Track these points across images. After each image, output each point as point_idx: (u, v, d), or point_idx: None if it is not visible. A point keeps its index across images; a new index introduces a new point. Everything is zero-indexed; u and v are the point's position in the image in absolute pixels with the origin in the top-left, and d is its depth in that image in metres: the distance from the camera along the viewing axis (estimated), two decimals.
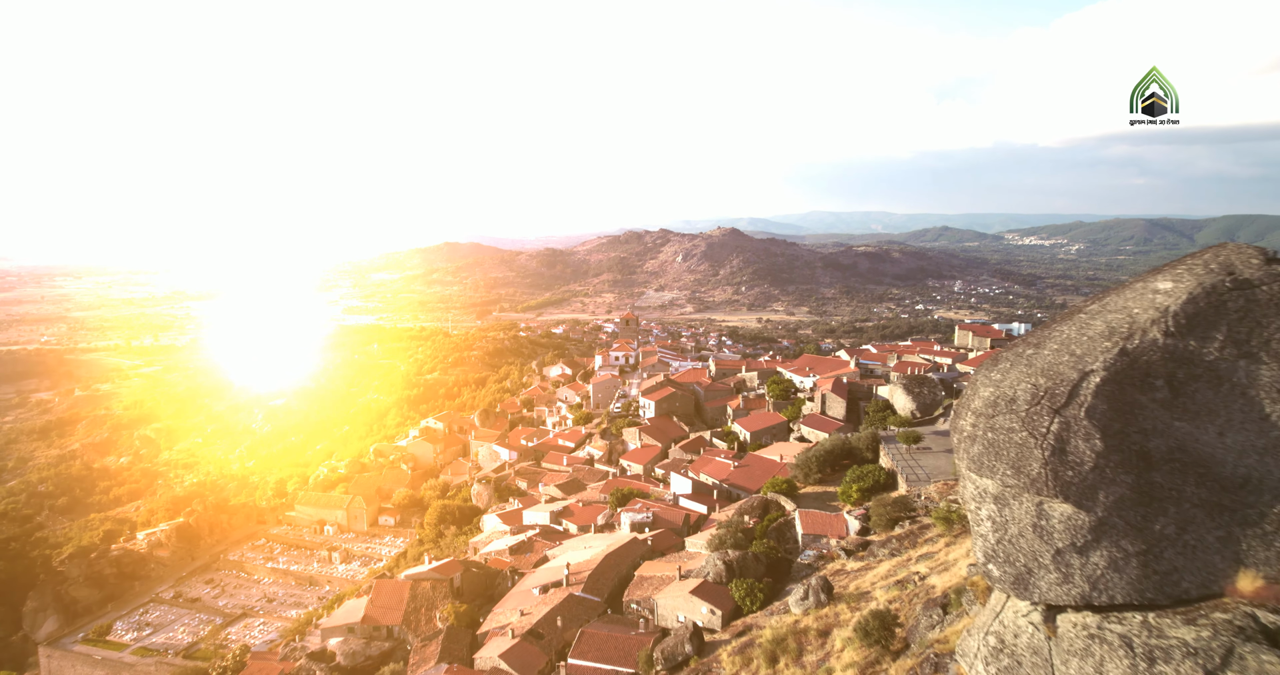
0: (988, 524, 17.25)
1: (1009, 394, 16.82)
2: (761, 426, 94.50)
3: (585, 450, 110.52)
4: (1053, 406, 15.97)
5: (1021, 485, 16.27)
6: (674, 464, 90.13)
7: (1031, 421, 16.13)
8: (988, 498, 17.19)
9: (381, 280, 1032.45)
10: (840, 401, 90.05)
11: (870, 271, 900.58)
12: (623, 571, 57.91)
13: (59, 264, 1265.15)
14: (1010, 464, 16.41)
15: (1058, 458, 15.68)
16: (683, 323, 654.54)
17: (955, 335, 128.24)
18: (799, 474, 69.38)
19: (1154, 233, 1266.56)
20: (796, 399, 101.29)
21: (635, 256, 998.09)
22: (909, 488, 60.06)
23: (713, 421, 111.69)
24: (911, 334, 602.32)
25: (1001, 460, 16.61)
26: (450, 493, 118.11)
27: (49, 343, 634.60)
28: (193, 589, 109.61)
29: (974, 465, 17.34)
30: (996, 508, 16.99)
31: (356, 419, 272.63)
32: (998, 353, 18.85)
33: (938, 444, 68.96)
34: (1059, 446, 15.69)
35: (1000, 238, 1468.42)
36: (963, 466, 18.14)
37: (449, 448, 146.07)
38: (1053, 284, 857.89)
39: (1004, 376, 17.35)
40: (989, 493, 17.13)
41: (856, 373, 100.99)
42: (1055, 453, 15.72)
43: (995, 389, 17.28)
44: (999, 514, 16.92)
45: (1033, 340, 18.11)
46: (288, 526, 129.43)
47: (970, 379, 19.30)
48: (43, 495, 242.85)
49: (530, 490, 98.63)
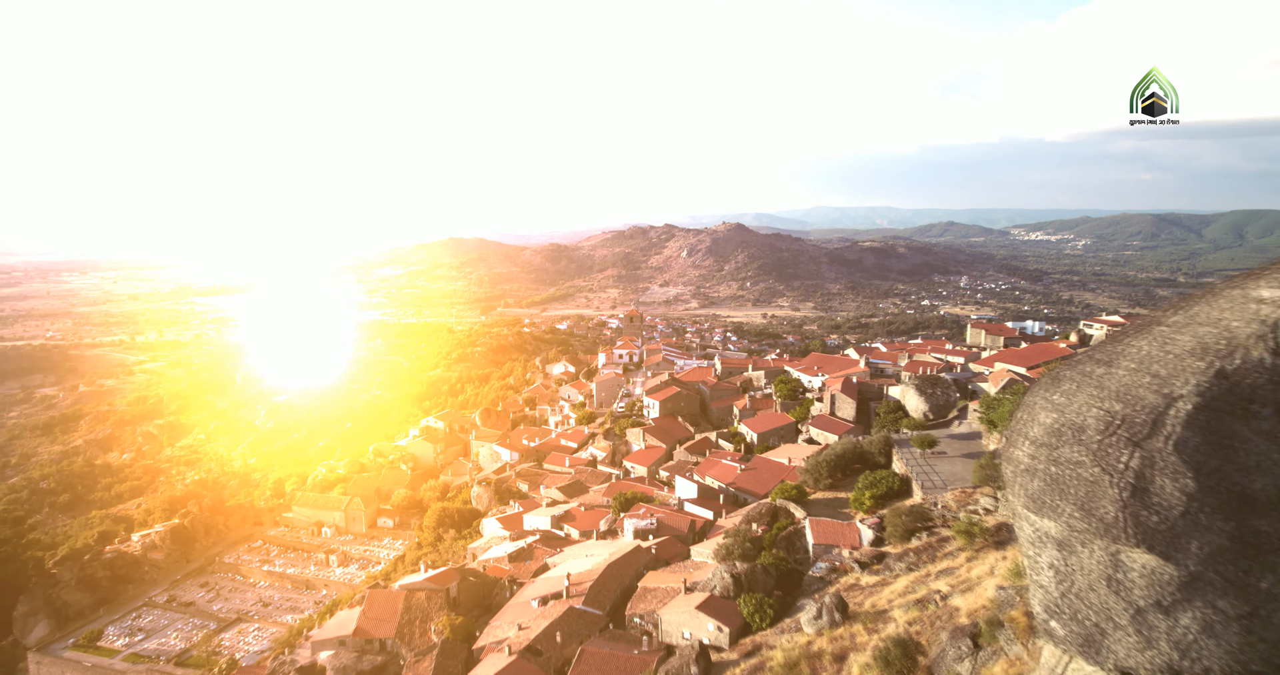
0: (1049, 573, 14.72)
1: (1076, 421, 14.25)
2: (769, 427, 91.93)
3: (588, 451, 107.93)
4: (1131, 437, 13.39)
5: (1092, 530, 13.73)
6: (679, 466, 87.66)
7: (1105, 455, 13.57)
8: (1049, 542, 14.67)
9: (385, 276, 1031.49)
10: (850, 402, 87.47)
11: (876, 267, 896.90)
12: (625, 582, 55.52)
13: (65, 259, 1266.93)
14: (1078, 504, 13.87)
15: (1138, 499, 13.12)
16: (688, 318, 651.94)
17: (967, 333, 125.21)
18: (809, 479, 66.87)
19: (1161, 228, 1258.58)
20: (805, 399, 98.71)
21: (640, 252, 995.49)
22: (924, 495, 57.52)
23: (719, 422, 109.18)
24: (918, 330, 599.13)
25: (1067, 499, 14.07)
26: (450, 494, 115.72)
27: (54, 338, 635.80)
28: (187, 593, 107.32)
29: (1033, 503, 14.81)
30: (1060, 555, 14.46)
31: (359, 416, 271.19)
32: (1057, 370, 16.25)
33: (953, 448, 66.39)
34: (1139, 486, 13.12)
35: (1006, 233, 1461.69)
36: (1018, 504, 15.59)
37: (449, 447, 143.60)
38: (1059, 279, 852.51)
39: (1068, 400, 14.76)
40: (1051, 537, 14.60)
41: (866, 372, 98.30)
42: (1135, 493, 13.15)
43: (1058, 415, 14.70)
44: (1063, 562, 14.39)
45: (1100, 356, 15.48)
46: (285, 528, 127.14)
47: (1025, 401, 16.79)
48: (45, 492, 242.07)
49: (531, 492, 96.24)
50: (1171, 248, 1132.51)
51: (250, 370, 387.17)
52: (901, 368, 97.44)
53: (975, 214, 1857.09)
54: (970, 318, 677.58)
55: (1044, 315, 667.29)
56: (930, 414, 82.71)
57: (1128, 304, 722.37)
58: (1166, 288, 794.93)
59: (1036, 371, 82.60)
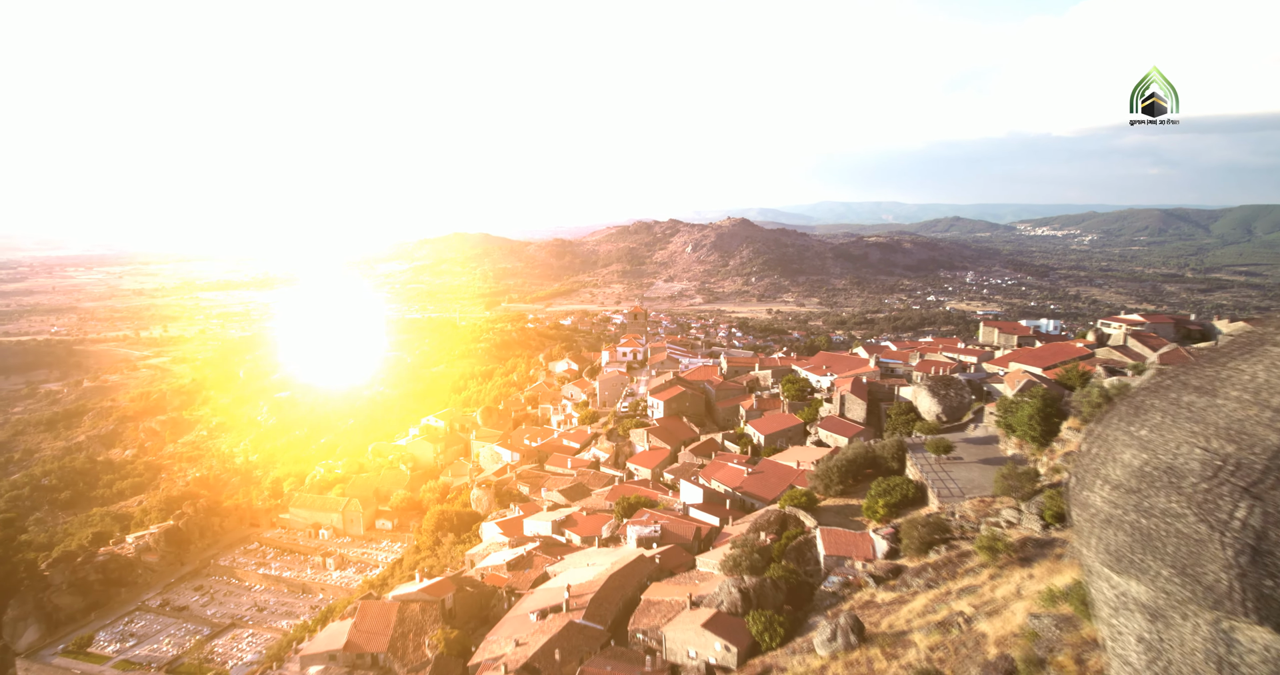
0: (1135, 647, 12.12)
1: (1170, 463, 11.62)
2: (776, 429, 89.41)
3: (590, 452, 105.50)
4: (1246, 487, 10.78)
5: (1195, 598, 11.13)
6: (684, 469, 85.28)
7: (1211, 507, 10.95)
8: (1137, 609, 12.06)
9: (390, 271, 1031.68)
10: (860, 403, 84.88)
11: (881, 262, 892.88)
12: (628, 594, 53.16)
13: (73, 254, 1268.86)
14: (1176, 566, 11.26)
15: (1257, 564, 10.53)
16: (692, 314, 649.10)
17: (979, 332, 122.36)
18: (819, 485, 64.34)
19: (1169, 223, 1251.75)
20: (813, 400, 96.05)
21: (644, 247, 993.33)
22: (941, 504, 54.98)
23: (724, 422, 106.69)
24: (924, 325, 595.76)
25: (1161, 559, 11.46)
26: (450, 496, 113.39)
27: (59, 333, 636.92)
28: (181, 596, 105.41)
29: (1114, 561, 12.21)
30: (1152, 626, 11.84)
31: (361, 412, 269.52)
32: (1139, 398, 13.60)
33: (969, 453, 63.81)
34: (1259, 547, 10.53)
35: (1012, 228, 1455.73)
36: (1093, 558, 13.00)
37: (450, 447, 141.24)
38: (1066, 275, 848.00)
39: (1158, 436, 12.13)
40: (1139, 602, 12.00)
41: (876, 372, 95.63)
42: (1253, 556, 10.56)
43: (1147, 454, 12.06)
44: (1156, 635, 11.79)
45: (1196, 382, 12.81)
46: (282, 530, 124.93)
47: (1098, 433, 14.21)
48: (46, 489, 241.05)
49: (532, 495, 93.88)
50: (1179, 243, 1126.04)
51: (252, 365, 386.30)
52: (913, 367, 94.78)
53: (981, 209, 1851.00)
54: (976, 314, 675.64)
55: (1051, 311, 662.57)
56: (943, 416, 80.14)
57: (1135, 299, 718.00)
58: (1174, 283, 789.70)
59: (1053, 372, 79.99)
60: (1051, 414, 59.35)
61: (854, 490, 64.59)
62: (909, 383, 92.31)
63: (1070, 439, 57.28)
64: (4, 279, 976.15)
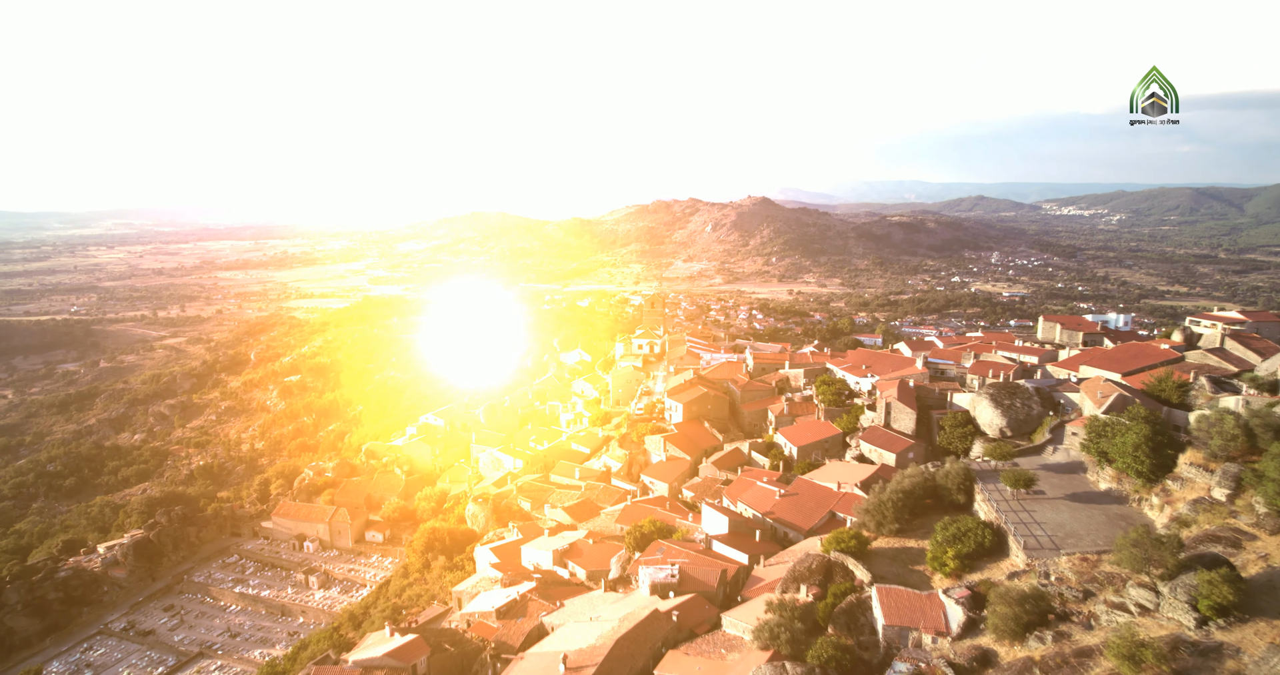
0: None
1: None
2: (811, 440, 78.55)
3: (601, 460, 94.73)
4: None
5: None
6: (705, 486, 75.06)
7: None
8: None
9: (408, 250, 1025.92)
10: (909, 413, 73.81)
11: (905, 242, 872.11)
12: (639, 665, 43.21)
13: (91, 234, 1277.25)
14: None
15: None
16: (712, 295, 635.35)
17: (1038, 327, 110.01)
18: (869, 521, 53.72)
19: (1201, 202, 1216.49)
20: (852, 406, 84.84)
21: (663, 226, 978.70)
22: (1027, 557, 44.24)
23: (751, 428, 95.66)
24: (949, 308, 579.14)
25: None
26: (447, 505, 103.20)
27: (79, 313, 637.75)
28: (148, 618, 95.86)
29: None
30: None
31: (370, 397, 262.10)
32: None
33: (1053, 485, 52.90)
34: None
35: (1037, 207, 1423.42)
36: None
37: (449, 448, 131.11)
38: (1094, 256, 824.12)
39: None
40: None
41: (925, 374, 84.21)
42: None
43: None
44: None
45: None
46: (264, 540, 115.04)
47: None
48: (51, 475, 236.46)
49: (534, 512, 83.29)
50: (1212, 222, 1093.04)
51: (265, 347, 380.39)
52: (966, 369, 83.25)
53: (1005, 188, 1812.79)
54: (1003, 295, 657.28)
55: (1079, 294, 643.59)
56: (1008, 430, 69.10)
57: (1166, 281, 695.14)
58: (1207, 264, 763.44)
59: (1138, 379, 68.41)
60: (1163, 444, 48.18)
61: (912, 528, 54.02)
62: (962, 387, 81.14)
63: (1194, 478, 46.07)
64: (28, 258, 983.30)
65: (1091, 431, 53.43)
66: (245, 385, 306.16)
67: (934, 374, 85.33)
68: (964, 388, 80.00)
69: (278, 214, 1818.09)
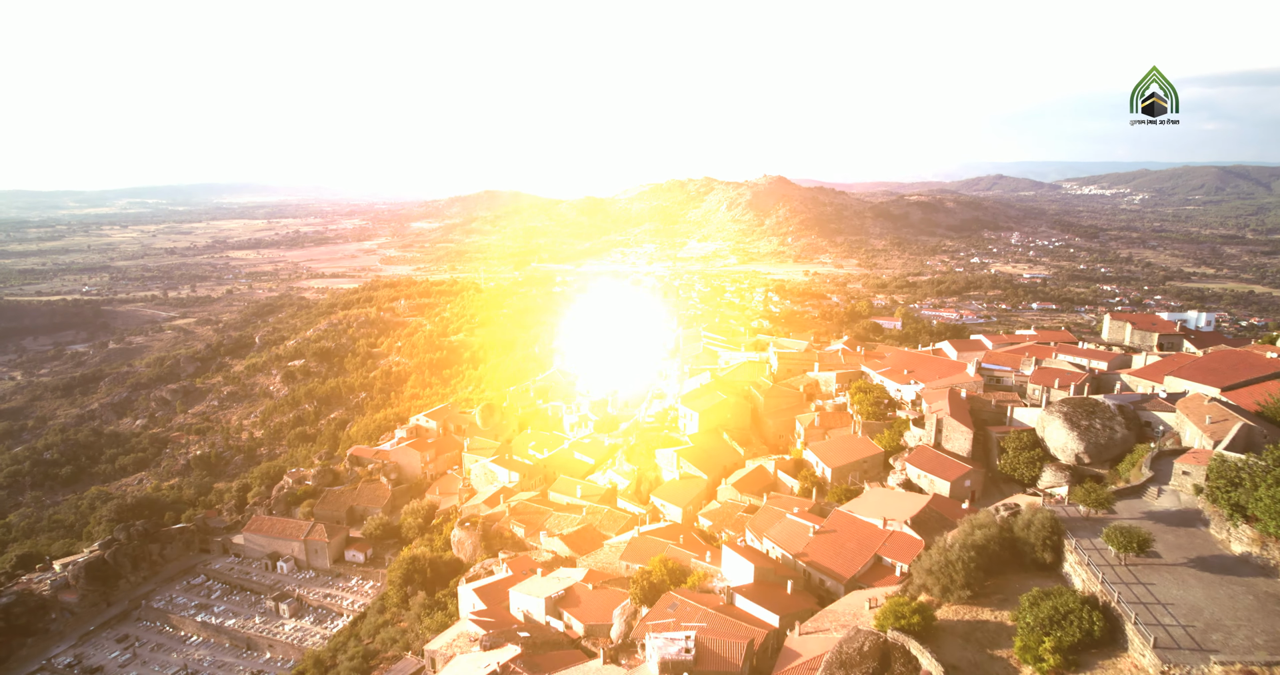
0: None
1: None
2: (848, 460, 67.97)
3: (606, 475, 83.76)
4: None
5: None
6: (725, 513, 64.79)
7: None
8: None
9: (421, 229, 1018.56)
10: (964, 431, 62.94)
11: (923, 222, 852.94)
12: None
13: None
14: None
15: None
16: (726, 276, 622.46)
17: (1104, 327, 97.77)
18: (932, 585, 43.10)
19: (1227, 181, 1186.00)
20: (895, 419, 74.05)
21: (677, 205, 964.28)
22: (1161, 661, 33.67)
23: (776, 440, 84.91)
24: (969, 290, 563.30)
25: None
26: (436, 521, 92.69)
27: (90, 293, 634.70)
28: (99, 650, 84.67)
29: None
30: None
31: (375, 384, 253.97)
32: None
33: (1167, 545, 42.19)
34: None
35: (1058, 187, 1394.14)
36: None
37: (441, 454, 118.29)
38: (1116, 236, 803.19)
39: None
40: None
41: (977, 382, 72.96)
42: None
43: None
44: None
45: None
46: (235, 558, 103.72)
47: None
48: (46, 463, 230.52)
49: (529, 539, 72.51)
50: (1238, 202, 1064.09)
51: (270, 330, 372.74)
52: (1027, 377, 71.89)
53: (1024, 167, 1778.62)
54: (1023, 276, 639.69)
55: (1102, 275, 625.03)
56: (1085, 456, 58.24)
57: (1192, 262, 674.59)
58: (1234, 245, 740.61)
59: (1241, 396, 56.97)
60: None
61: (986, 591, 43.33)
62: (1022, 398, 69.93)
63: None
64: (42, 237, 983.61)
65: (1219, 477, 42.39)
66: (249, 369, 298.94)
67: (988, 381, 74.16)
68: (1025, 399, 68.87)
69: (292, 192, 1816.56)
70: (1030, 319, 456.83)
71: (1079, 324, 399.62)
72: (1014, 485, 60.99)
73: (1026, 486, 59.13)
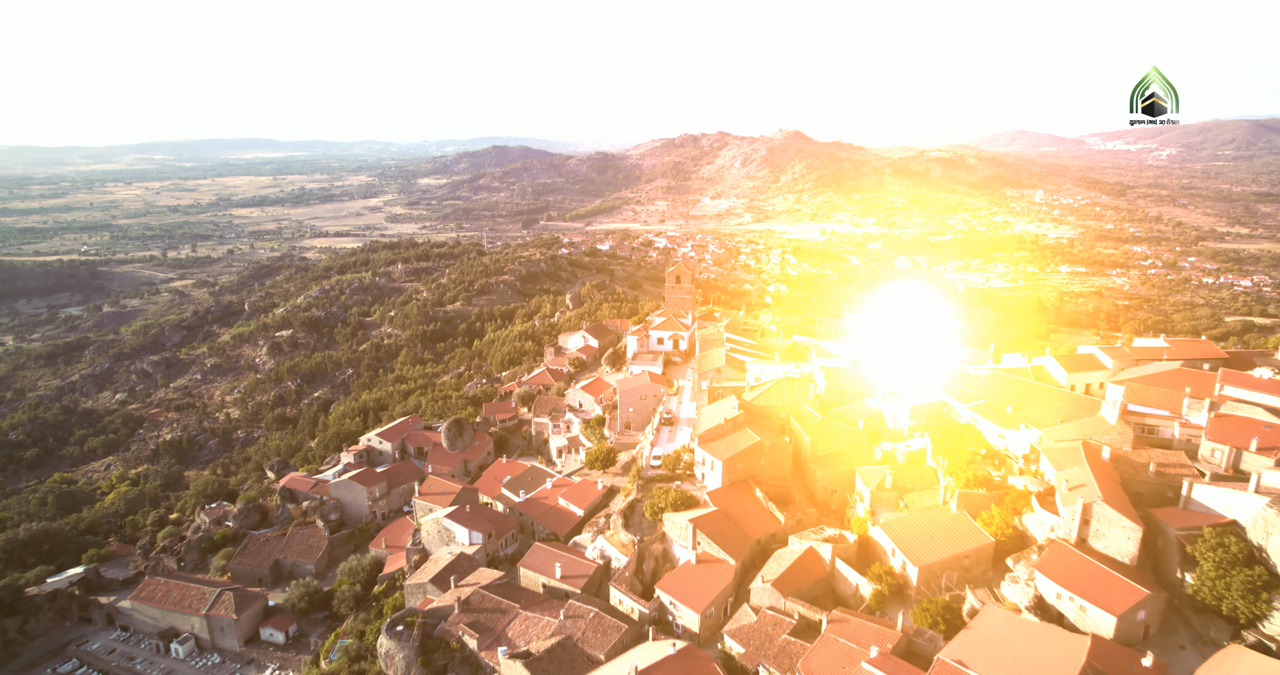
0: None
1: None
2: (941, 555, 46.28)
3: (597, 544, 60.20)
4: None
5: None
6: (762, 635, 43.97)
7: None
8: None
9: (428, 185, 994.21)
10: (1130, 528, 41.21)
11: (943, 178, 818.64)
12: None
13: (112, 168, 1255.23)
14: None
15: None
16: (741, 235, 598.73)
17: None
18: None
19: (1259, 135, 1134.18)
20: (1004, 488, 52.86)
21: (690, 161, 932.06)
22: None
23: (826, 497, 63.23)
24: (994, 251, 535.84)
25: None
26: (379, 589, 70.89)
27: (88, 253, 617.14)
28: None
29: None
30: None
31: (363, 360, 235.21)
32: None
33: None
34: None
35: (1081, 141, 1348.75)
36: None
37: (394, 487, 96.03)
38: (1144, 194, 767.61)
39: None
40: None
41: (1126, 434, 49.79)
42: None
43: None
44: None
45: None
46: (121, 633, 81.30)
47: None
48: (11, 445, 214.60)
49: (483, 654, 49.41)
50: (1270, 157, 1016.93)
51: (261, 296, 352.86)
52: (1198, 428, 49.21)
53: (1047, 120, 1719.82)
54: (1049, 237, 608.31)
55: (1131, 235, 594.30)
56: None
57: (1226, 221, 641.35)
58: (1269, 203, 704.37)
59: None
60: None
61: None
62: (1191, 461, 48.24)
63: None
64: (45, 194, 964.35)
65: None
66: (235, 340, 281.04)
67: (1139, 430, 51.93)
68: (1197, 464, 47.15)
69: (299, 147, 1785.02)
70: (1059, 284, 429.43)
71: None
72: (1209, 614, 39.90)
73: (1242, 625, 38.11)
